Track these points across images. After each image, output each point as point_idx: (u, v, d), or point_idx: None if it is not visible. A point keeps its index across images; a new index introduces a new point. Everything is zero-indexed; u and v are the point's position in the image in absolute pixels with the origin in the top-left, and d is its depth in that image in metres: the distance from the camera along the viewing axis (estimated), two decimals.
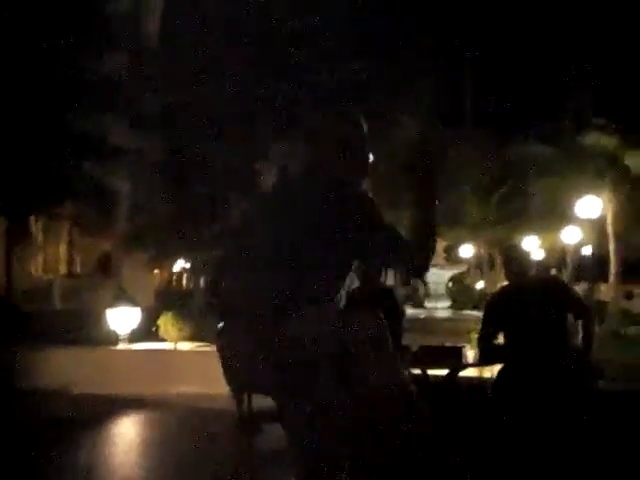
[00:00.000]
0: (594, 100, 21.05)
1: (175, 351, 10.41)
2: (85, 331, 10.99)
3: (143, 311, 11.16)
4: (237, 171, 18.66)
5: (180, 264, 32.54)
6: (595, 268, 25.37)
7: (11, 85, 15.34)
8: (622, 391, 5.89)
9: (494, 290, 9.51)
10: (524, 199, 24.37)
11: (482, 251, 33.27)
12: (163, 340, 10.64)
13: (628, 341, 13.30)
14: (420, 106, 16.98)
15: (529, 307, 5.11)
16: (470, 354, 6.81)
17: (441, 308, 13.31)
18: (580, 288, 19.15)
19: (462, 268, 17.05)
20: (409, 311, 11.56)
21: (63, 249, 24.90)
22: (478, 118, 20.19)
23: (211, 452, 6.40)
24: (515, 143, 21.79)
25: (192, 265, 20.36)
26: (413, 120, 16.84)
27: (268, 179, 18.13)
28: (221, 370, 3.58)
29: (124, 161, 18.01)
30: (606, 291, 24.64)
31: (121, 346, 10.47)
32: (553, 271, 26.80)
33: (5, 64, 15.03)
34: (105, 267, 21.50)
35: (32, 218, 22.44)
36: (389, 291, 6.79)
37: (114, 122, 16.97)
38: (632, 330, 16.03)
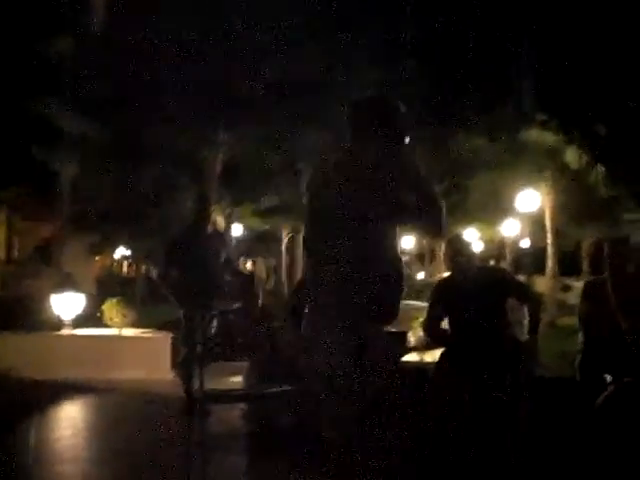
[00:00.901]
0: (536, 96, 21.44)
1: (119, 336, 10.41)
2: (28, 317, 10.91)
3: (86, 297, 11.15)
4: (183, 159, 18.63)
5: (121, 251, 32.27)
6: (533, 261, 25.97)
7: None
8: (554, 377, 6.16)
9: (435, 280, 9.74)
10: (464, 192, 24.76)
11: (424, 242, 33.71)
12: (107, 326, 10.63)
13: (562, 331, 13.73)
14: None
15: (471, 294, 5.34)
16: (412, 340, 7.05)
17: None
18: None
19: (403, 259, 17.23)
20: None
21: (1, 234, 24.49)
22: (420, 111, 20.48)
23: (157, 435, 6.47)
24: (456, 137, 22.09)
25: (134, 253, 20.19)
26: None
27: (216, 165, 18.16)
28: None
29: (67, 146, 17.84)
30: (543, 283, 25.21)
31: (65, 331, 10.43)
32: (492, 263, 27.33)
33: None
34: (44, 253, 21.26)
35: None
36: None
37: (59, 106, 16.80)
38: (566, 320, 16.52)
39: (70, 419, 7.95)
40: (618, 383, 4.39)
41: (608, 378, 5.10)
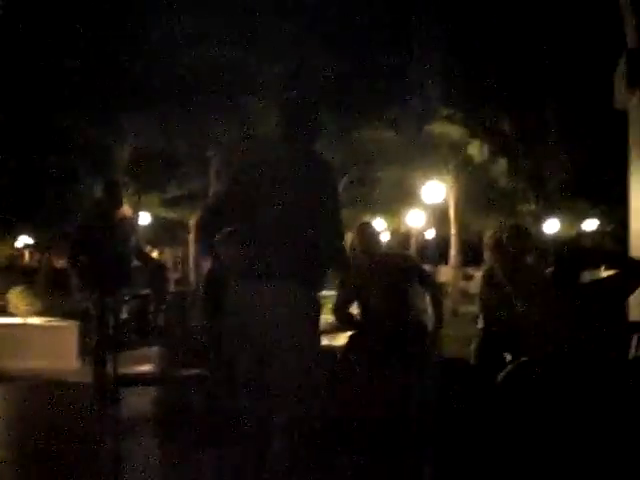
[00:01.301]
0: (442, 89, 21.91)
1: (25, 325, 10.25)
2: None
3: None
4: (88, 146, 18.34)
5: (24, 240, 31.51)
6: (437, 251, 26.62)
7: None
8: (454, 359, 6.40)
9: None
10: (370, 184, 25.14)
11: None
12: (12, 315, 10.47)
13: (464, 319, 14.18)
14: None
15: (378, 279, 5.55)
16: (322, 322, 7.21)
17: None
18: None
19: None
20: None
21: None
22: (327, 101, 20.65)
23: (67, 423, 6.43)
24: (362, 128, 22.38)
25: (37, 241, 19.78)
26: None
27: (123, 153, 17.95)
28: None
29: None
30: (447, 273, 25.87)
31: None
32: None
33: None
34: None
35: None
36: None
37: None
38: (468, 309, 17.07)
39: None
40: (516, 361, 4.64)
41: (508, 357, 5.37)
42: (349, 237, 5.71)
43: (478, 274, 7.73)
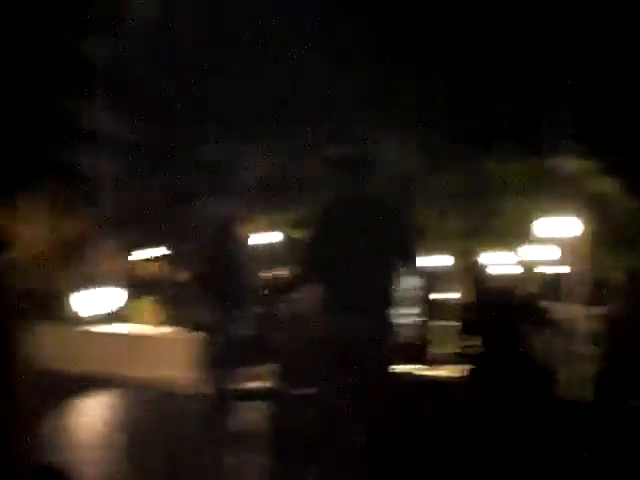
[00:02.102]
0: (568, 122, 21.41)
1: (148, 335, 10.57)
2: (58, 311, 11.12)
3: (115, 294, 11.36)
4: (211, 163, 18.80)
5: (153, 251, 32.48)
6: (559, 287, 25.81)
7: None
8: None
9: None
10: (493, 214, 24.74)
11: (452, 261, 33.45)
12: (135, 324, 10.82)
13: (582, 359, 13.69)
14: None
15: (491, 314, 5.49)
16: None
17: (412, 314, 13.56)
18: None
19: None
20: None
21: (35, 229, 24.82)
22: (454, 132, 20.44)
23: (182, 431, 6.61)
24: (492, 158, 22.08)
25: (166, 253, 20.46)
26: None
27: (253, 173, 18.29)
28: None
29: (100, 145, 18.10)
30: (568, 310, 25.05)
31: (93, 327, 10.63)
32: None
33: None
34: (77, 249, 21.53)
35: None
36: None
37: (96, 106, 17.06)
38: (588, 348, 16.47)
39: (96, 411, 8.12)
40: None
41: None
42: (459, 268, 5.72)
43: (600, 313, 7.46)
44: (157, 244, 27.52)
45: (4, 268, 3.59)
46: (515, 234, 24.63)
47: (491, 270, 16.02)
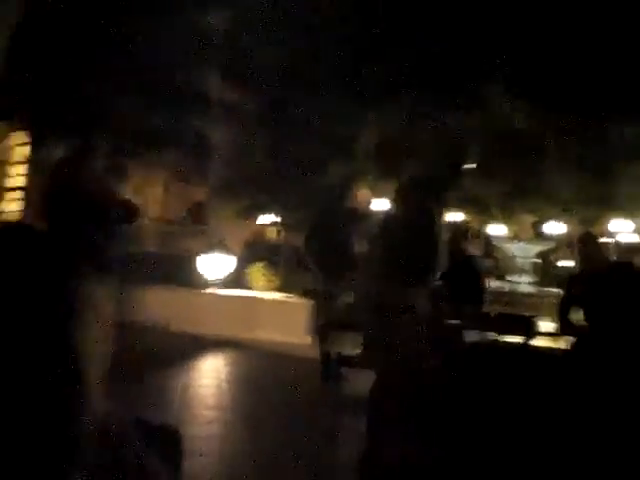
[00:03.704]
0: None
1: (262, 299, 10.86)
2: (180, 274, 11.50)
3: (233, 260, 11.66)
4: (333, 133, 18.88)
5: (271, 217, 33.06)
6: None
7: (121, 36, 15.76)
8: None
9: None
10: (623, 181, 23.76)
11: (575, 229, 32.47)
12: (251, 289, 11.11)
13: None
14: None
15: (604, 289, 5.35)
16: (543, 325, 7.08)
17: (524, 283, 13.35)
18: None
19: (550, 245, 16.66)
20: (491, 284, 11.74)
21: (158, 194, 25.66)
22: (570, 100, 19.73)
23: (290, 395, 6.81)
24: (615, 125, 21.17)
25: (283, 220, 20.77)
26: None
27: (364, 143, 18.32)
28: None
29: (223, 113, 18.46)
30: None
31: (212, 290, 10.99)
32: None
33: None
34: (197, 215, 22.15)
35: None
36: (471, 259, 7.10)
37: (215, 75, 17.37)
38: None
39: (213, 371, 8.43)
40: None
41: None
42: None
43: None
44: (278, 210, 28.02)
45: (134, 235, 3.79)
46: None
47: (614, 240, 15.51)
